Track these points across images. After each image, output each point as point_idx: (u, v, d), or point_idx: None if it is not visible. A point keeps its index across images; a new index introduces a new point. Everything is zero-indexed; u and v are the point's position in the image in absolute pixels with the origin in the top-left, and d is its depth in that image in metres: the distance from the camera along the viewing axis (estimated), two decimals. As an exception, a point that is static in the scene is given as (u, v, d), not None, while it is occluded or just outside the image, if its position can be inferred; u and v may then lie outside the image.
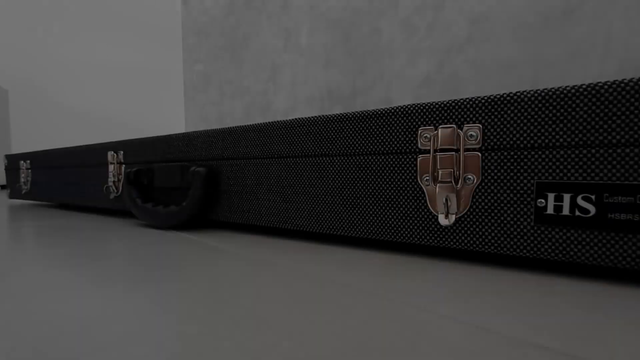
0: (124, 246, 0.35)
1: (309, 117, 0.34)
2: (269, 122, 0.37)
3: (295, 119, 0.35)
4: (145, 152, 0.51)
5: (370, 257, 0.30)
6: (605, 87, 0.22)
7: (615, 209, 0.21)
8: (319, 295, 0.21)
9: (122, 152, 0.54)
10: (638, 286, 0.22)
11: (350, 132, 0.31)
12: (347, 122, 0.31)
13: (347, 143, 0.32)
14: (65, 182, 0.66)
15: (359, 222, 0.32)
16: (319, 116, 0.33)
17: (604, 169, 0.22)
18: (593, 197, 0.22)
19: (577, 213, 0.23)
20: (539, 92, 0.24)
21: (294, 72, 0.96)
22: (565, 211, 0.23)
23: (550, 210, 0.23)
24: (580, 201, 0.22)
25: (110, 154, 0.55)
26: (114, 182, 0.54)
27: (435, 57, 0.68)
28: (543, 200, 0.24)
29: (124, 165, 0.54)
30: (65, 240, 0.39)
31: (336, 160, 0.32)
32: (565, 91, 0.23)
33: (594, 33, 0.52)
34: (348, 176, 0.32)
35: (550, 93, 0.23)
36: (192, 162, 0.44)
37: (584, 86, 0.22)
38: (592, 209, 0.22)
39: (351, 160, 0.32)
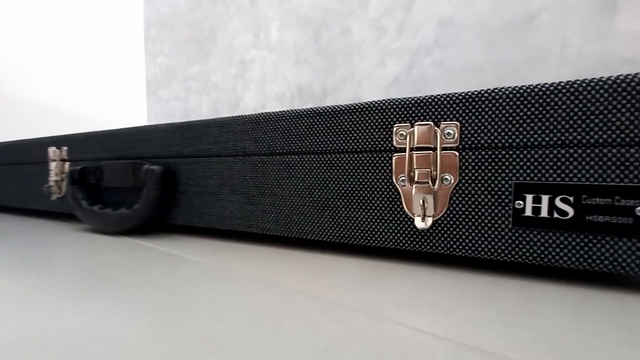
0: (67, 254, 0.31)
1: (276, 112, 0.31)
2: (232, 117, 0.34)
3: (262, 113, 0.32)
4: (93, 148, 0.45)
5: (343, 263, 0.28)
6: (584, 85, 0.21)
7: (593, 211, 0.21)
8: (287, 310, 0.18)
9: (65, 148, 0.48)
10: (617, 290, 0.21)
11: (321, 129, 0.29)
12: (318, 117, 0.29)
13: (317, 140, 0.29)
14: (-1, 181, 0.58)
15: (331, 225, 0.29)
16: (288, 111, 0.30)
17: (582, 170, 0.21)
18: (571, 198, 0.21)
19: (556, 215, 0.22)
20: (517, 89, 0.23)
21: (263, 68, 0.93)
22: (544, 213, 0.22)
23: (528, 212, 0.22)
24: (558, 203, 0.22)
25: (51, 150, 0.49)
26: (56, 181, 0.48)
27: (404, 58, 0.68)
28: (521, 202, 0.23)
29: (68, 163, 0.48)
30: (0, 247, 0.33)
31: (306, 159, 0.30)
32: (543, 89, 0.22)
33: (551, 40, 0.54)
34: (319, 176, 0.30)
35: (528, 90, 0.22)
36: (147, 159, 0.40)
37: (562, 84, 0.21)
38: (571, 211, 0.21)
39: (322, 159, 0.29)
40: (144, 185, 0.38)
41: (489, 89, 0.23)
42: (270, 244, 0.34)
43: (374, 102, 0.27)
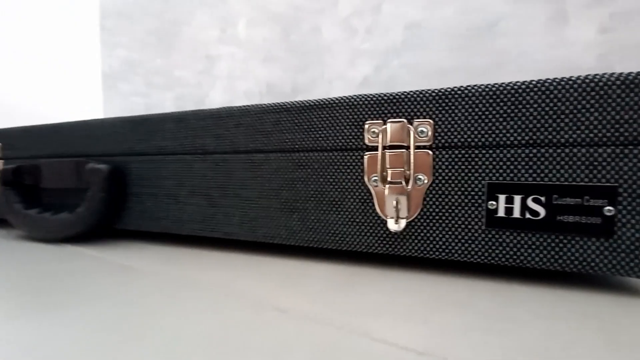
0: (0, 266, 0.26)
1: (239, 107, 0.29)
2: (191, 111, 0.31)
3: (224, 107, 0.29)
4: (30, 145, 0.40)
5: (313, 269, 0.26)
6: (554, 84, 0.21)
7: (564, 211, 0.21)
8: (253, 327, 0.16)
9: (-4, 144, 0.42)
10: (587, 289, 0.21)
11: (289, 125, 0.27)
12: (285, 113, 0.27)
13: (285, 137, 0.27)
14: None
15: (299, 228, 0.27)
16: (252, 105, 0.28)
17: (553, 170, 0.21)
18: (543, 198, 0.21)
19: (528, 215, 0.21)
20: (489, 86, 0.22)
21: (231, 65, 0.89)
22: (516, 213, 0.22)
23: (501, 212, 0.22)
24: (530, 203, 0.21)
25: (-21, 146, 0.43)
26: (-15, 182, 0.42)
27: (374, 59, 0.69)
28: (494, 203, 0.22)
29: (1, 161, 0.42)
30: None
31: (272, 157, 0.28)
32: (515, 87, 0.22)
33: (510, 47, 0.56)
34: (286, 176, 0.28)
35: (501, 88, 0.22)
36: (93, 157, 0.36)
37: (533, 82, 0.21)
38: (542, 211, 0.21)
39: (289, 158, 0.27)
40: (89, 187, 0.34)
41: (461, 86, 0.23)
42: (234, 250, 0.32)
43: (344, 98, 0.25)
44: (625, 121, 0.19)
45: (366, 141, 0.25)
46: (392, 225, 0.24)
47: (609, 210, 0.20)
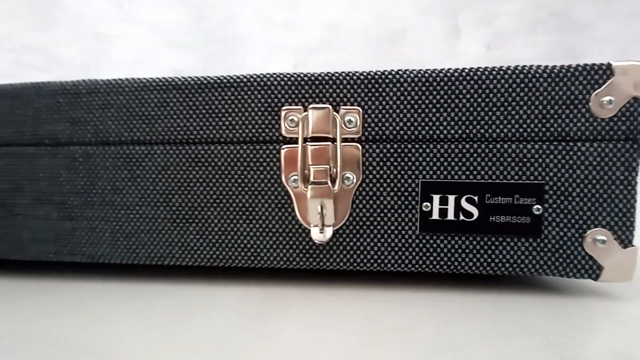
0: None
1: (108, 80, 0.21)
2: (33, 84, 0.21)
3: (84, 80, 0.21)
4: None
5: (218, 297, 0.20)
6: (486, 73, 0.19)
7: (496, 211, 0.19)
8: None
9: None
10: (519, 292, 0.20)
11: (182, 109, 0.21)
12: (176, 92, 0.21)
13: (176, 125, 0.21)
14: None
15: (198, 244, 0.21)
16: (128, 79, 0.21)
17: (485, 167, 0.19)
18: (476, 198, 0.19)
19: (462, 217, 0.19)
20: (422, 72, 0.20)
21: (127, 46, 0.75)
22: (450, 215, 0.20)
23: (435, 215, 0.20)
24: (464, 203, 0.19)
25: None
26: None
27: (292, 55, 0.66)
28: (429, 204, 0.20)
29: None
30: None
31: (158, 152, 0.21)
32: (449, 74, 0.19)
33: (416, 55, 0.59)
34: (178, 176, 0.21)
35: (434, 75, 0.19)
36: None
37: (466, 70, 0.19)
38: (476, 212, 0.19)
39: (183, 152, 0.21)
40: None
41: (392, 70, 0.20)
42: (104, 279, 0.23)
43: (255, 76, 0.20)
44: (552, 116, 0.19)
45: (283, 132, 0.20)
46: (317, 235, 0.20)
47: (537, 209, 0.19)
